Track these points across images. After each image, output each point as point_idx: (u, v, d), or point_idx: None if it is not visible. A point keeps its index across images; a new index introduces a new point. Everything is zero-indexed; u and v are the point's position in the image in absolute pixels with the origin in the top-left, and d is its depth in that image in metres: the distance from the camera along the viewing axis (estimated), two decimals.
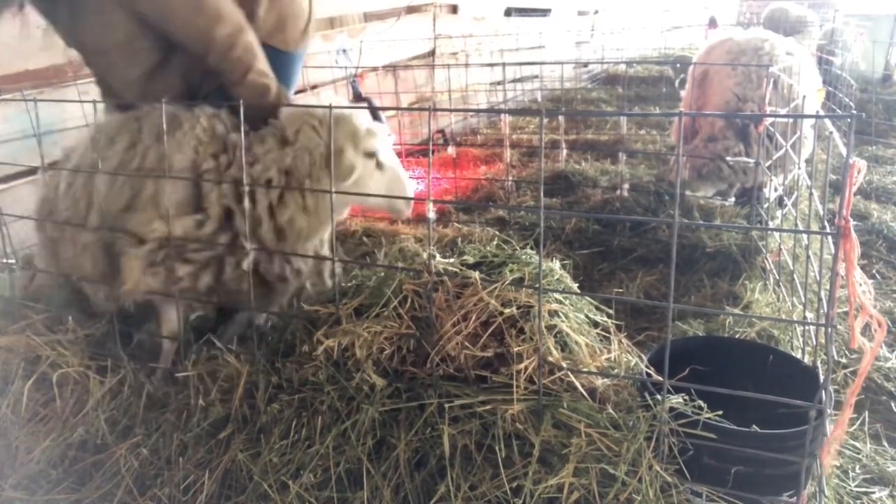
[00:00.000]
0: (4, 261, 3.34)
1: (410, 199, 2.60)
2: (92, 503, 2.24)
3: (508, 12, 9.84)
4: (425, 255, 2.37)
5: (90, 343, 2.65)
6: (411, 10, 7.22)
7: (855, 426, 2.56)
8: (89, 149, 2.60)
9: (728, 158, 4.50)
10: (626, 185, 4.88)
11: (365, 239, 4.50)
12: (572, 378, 2.10)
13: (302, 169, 2.40)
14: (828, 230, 1.85)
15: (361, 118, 2.48)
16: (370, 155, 2.47)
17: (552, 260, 2.55)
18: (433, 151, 6.95)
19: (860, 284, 1.72)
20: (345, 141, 2.40)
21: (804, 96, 3.47)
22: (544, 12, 11.18)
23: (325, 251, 2.73)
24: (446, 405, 2.10)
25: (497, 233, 3.74)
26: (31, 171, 3.69)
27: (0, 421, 2.49)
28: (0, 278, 3.34)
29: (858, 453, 2.44)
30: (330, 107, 2.13)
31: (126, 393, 2.48)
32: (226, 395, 2.37)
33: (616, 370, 2.22)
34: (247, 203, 2.41)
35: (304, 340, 2.36)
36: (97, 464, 2.36)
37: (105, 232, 2.50)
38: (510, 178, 5.47)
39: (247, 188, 2.39)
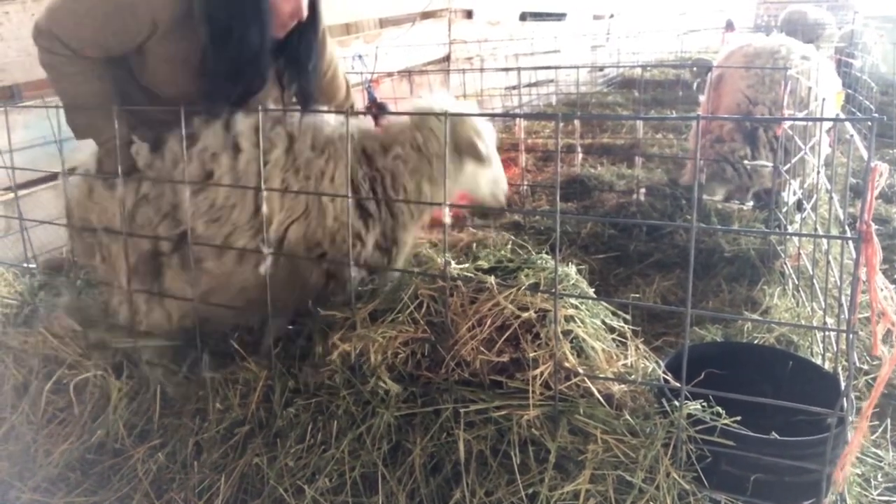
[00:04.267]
0: (26, 265, 3.39)
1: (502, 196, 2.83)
2: None
3: (523, 16, 9.83)
4: (439, 261, 2.38)
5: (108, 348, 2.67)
6: (426, 15, 7.24)
7: (877, 433, 2.52)
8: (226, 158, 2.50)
9: (746, 162, 4.46)
10: (643, 189, 4.85)
11: None
12: (589, 384, 2.09)
13: (432, 148, 2.60)
14: (849, 234, 1.82)
15: (478, 120, 2.73)
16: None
17: (568, 265, 2.54)
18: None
19: (882, 290, 1.69)
20: (474, 135, 2.62)
21: (823, 99, 3.42)
22: (559, 16, 11.15)
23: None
24: (461, 410, 2.09)
25: (513, 237, 3.73)
26: (52, 176, 3.74)
27: (19, 423, 2.52)
28: (21, 282, 3.39)
29: (880, 461, 2.40)
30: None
31: (143, 396, 2.50)
32: (242, 399, 2.38)
33: (633, 376, 2.20)
34: (264, 209, 2.42)
35: (319, 345, 2.37)
36: (115, 467, 2.38)
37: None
38: (525, 182, 5.46)
39: (263, 191, 2.41)
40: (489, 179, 2.75)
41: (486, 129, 2.74)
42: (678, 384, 1.91)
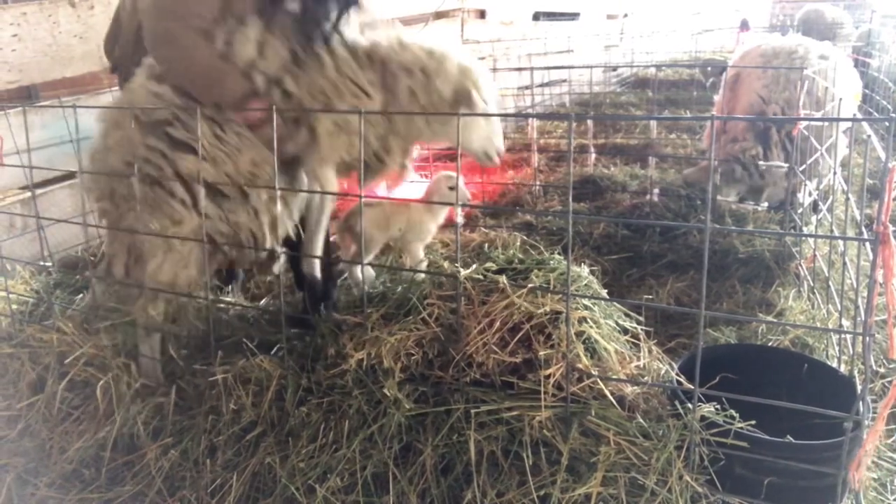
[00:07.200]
0: (42, 263, 3.42)
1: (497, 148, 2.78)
2: (123, 503, 2.28)
3: (537, 16, 9.80)
4: (446, 265, 2.38)
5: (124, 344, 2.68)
6: (439, 15, 7.24)
7: (893, 438, 2.49)
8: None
9: (761, 163, 4.43)
10: (656, 190, 4.82)
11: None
12: (601, 385, 2.08)
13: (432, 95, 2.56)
14: (865, 236, 1.80)
15: (481, 70, 2.65)
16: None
17: (580, 265, 2.53)
18: (461, 156, 6.93)
19: None
20: (471, 84, 2.55)
21: (840, 99, 3.39)
22: (573, 16, 11.12)
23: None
24: (472, 411, 2.09)
25: (524, 237, 3.72)
26: (69, 176, 3.78)
27: (35, 421, 2.54)
28: (38, 280, 3.42)
29: None
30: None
31: (156, 394, 2.51)
32: (255, 398, 2.39)
33: (646, 378, 2.19)
34: (279, 207, 2.43)
35: (332, 347, 2.37)
36: (128, 464, 2.39)
37: None
38: (538, 182, 5.44)
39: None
40: (482, 135, 2.64)
41: (487, 81, 2.63)
42: (691, 386, 1.89)
